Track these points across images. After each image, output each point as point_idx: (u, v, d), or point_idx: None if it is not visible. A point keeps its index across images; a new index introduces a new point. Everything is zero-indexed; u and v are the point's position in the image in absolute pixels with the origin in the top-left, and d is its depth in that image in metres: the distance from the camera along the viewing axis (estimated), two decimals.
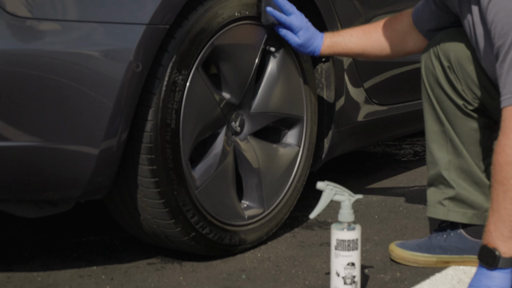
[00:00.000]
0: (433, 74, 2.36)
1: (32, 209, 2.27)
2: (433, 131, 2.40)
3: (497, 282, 1.99)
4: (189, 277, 2.34)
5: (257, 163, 2.57)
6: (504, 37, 1.98)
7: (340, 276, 2.10)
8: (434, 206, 2.42)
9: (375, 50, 2.56)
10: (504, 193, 1.96)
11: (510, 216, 1.96)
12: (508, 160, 1.94)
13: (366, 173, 3.69)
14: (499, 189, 1.97)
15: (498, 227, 1.98)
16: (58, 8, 2.06)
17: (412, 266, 2.41)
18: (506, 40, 1.97)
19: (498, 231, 1.98)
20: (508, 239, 1.97)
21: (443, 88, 2.34)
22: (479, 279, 2.02)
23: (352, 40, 2.56)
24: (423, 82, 2.41)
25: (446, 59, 2.32)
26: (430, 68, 2.36)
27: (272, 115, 2.62)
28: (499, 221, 1.97)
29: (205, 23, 2.28)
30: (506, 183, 1.95)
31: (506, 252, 1.98)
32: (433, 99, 2.37)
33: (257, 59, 2.49)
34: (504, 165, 1.95)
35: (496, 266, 1.98)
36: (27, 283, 2.29)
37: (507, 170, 1.95)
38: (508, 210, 1.96)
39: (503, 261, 1.98)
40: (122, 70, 2.08)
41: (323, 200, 2.19)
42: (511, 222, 1.96)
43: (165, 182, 2.24)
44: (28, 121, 2.04)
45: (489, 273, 2.00)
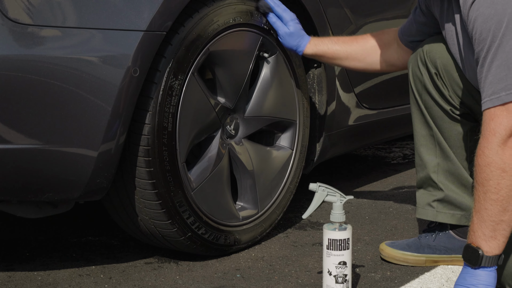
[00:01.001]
0: (420, 81, 2.38)
1: (33, 210, 2.28)
2: (422, 134, 2.42)
3: (482, 280, 1.99)
4: (185, 276, 2.34)
5: (251, 165, 2.57)
6: (482, 42, 1.98)
7: (332, 274, 2.11)
8: (424, 208, 2.43)
9: (359, 56, 2.56)
10: (484, 194, 1.96)
11: (490, 217, 1.96)
12: (487, 162, 1.95)
13: (357, 175, 3.68)
14: (479, 190, 1.98)
15: (480, 227, 1.98)
16: (58, 15, 2.08)
17: (402, 265, 2.41)
18: (484, 45, 1.97)
19: (480, 231, 1.98)
20: (490, 238, 1.97)
21: (431, 94, 2.36)
22: (464, 277, 2.02)
23: (338, 43, 2.57)
24: (411, 88, 2.42)
25: (433, 66, 2.34)
26: (417, 74, 2.38)
27: (265, 119, 2.62)
28: (481, 221, 1.98)
29: (200, 29, 2.29)
30: (486, 184, 1.96)
31: (489, 251, 1.98)
32: (421, 105, 2.39)
33: (251, 65, 2.50)
34: (484, 167, 1.96)
35: (480, 264, 1.99)
36: (28, 282, 2.30)
37: (486, 171, 1.95)
38: (489, 211, 1.96)
39: (486, 259, 1.98)
40: (120, 75, 2.09)
41: (315, 201, 2.20)
42: (492, 222, 1.96)
43: (162, 184, 2.25)
44: (29, 125, 2.05)
45: (473, 272, 2.01)
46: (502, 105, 1.94)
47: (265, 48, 2.58)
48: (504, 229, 1.97)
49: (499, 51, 1.94)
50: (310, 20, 2.70)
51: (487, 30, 1.96)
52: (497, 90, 1.94)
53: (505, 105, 1.94)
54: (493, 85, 1.95)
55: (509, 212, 1.95)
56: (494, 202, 1.95)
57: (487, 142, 1.96)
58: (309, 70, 2.83)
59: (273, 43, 2.58)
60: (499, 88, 1.94)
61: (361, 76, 3.04)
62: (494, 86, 1.95)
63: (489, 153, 1.95)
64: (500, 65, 1.94)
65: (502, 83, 1.94)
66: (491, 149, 1.94)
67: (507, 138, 1.93)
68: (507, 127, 1.93)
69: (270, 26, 2.54)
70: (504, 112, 1.94)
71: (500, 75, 1.94)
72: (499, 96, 1.94)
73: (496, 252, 1.99)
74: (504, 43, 1.93)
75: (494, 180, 1.94)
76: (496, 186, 1.94)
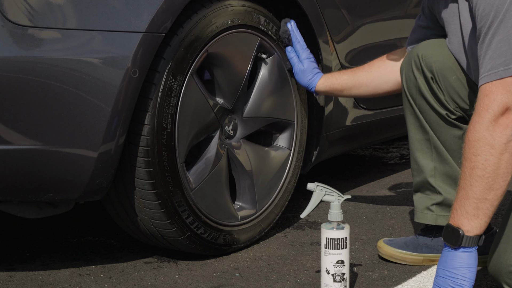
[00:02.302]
0: (415, 85, 2.36)
1: (33, 210, 2.29)
2: (417, 139, 2.41)
3: (464, 262, 1.96)
4: (184, 276, 2.35)
5: (250, 166, 2.59)
6: (485, 18, 1.95)
7: (330, 273, 2.12)
8: (423, 212, 2.42)
9: (365, 80, 2.59)
10: (471, 169, 1.93)
11: (475, 194, 1.93)
12: (477, 137, 1.92)
13: (355, 175, 3.68)
14: (466, 166, 1.95)
15: (463, 204, 1.95)
16: (58, 16, 2.09)
17: (399, 264, 2.42)
18: (486, 21, 1.94)
19: (463, 208, 1.95)
20: (472, 217, 1.94)
21: (426, 98, 2.35)
22: (445, 260, 1.99)
23: (346, 73, 2.62)
24: (404, 93, 2.40)
25: (429, 70, 2.33)
26: (411, 79, 2.37)
27: (263, 120, 2.63)
28: (464, 197, 1.95)
29: (199, 31, 2.30)
30: (474, 159, 1.93)
31: (470, 231, 1.94)
32: (415, 109, 2.38)
33: (249, 66, 2.51)
34: (473, 142, 1.93)
35: (460, 245, 1.95)
36: (29, 282, 2.31)
37: (475, 146, 1.93)
38: (474, 187, 1.93)
39: (466, 239, 1.95)
40: (120, 76, 2.10)
41: (313, 200, 2.22)
42: (476, 200, 1.93)
43: (161, 184, 2.26)
44: (30, 126, 2.06)
45: (454, 253, 1.97)
46: (499, 80, 1.92)
47: (263, 49, 2.59)
48: (487, 208, 1.94)
49: (501, 26, 1.92)
50: (307, 22, 2.71)
51: (491, 5, 1.93)
52: (496, 65, 1.93)
53: (502, 80, 1.92)
54: (492, 60, 1.93)
55: (494, 191, 1.93)
56: (480, 178, 1.92)
57: (479, 117, 1.93)
58: None
59: (271, 45, 2.59)
60: (498, 63, 1.92)
61: None
62: (493, 61, 1.93)
63: (479, 128, 1.92)
64: (502, 40, 1.92)
65: (501, 58, 1.92)
66: (482, 124, 1.92)
67: (499, 114, 1.91)
68: (500, 103, 1.91)
69: (268, 27, 2.56)
70: (500, 88, 1.92)
71: (501, 50, 1.92)
72: (497, 71, 1.92)
73: (477, 232, 1.95)
74: (507, 19, 1.92)
75: (482, 155, 1.92)
76: (483, 162, 1.92)
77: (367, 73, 2.60)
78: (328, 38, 2.80)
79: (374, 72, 2.60)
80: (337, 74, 2.64)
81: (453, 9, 2.25)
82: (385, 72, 2.58)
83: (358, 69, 2.62)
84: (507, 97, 1.91)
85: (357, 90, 2.62)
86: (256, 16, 2.51)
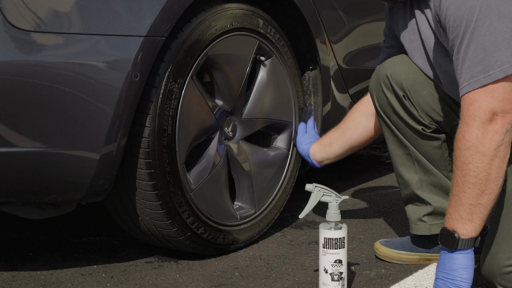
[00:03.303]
0: (388, 104, 2.34)
1: (36, 211, 2.30)
2: (397, 154, 2.39)
3: (461, 263, 1.99)
4: (185, 275, 2.37)
5: (249, 166, 2.60)
6: (457, 29, 1.95)
7: (328, 272, 2.13)
8: (416, 224, 2.41)
9: (351, 126, 2.60)
10: (463, 177, 1.95)
11: (468, 199, 1.95)
12: (467, 146, 1.94)
13: (352, 175, 3.68)
14: (458, 174, 1.96)
15: (457, 210, 1.97)
16: (61, 21, 2.10)
17: (396, 263, 2.44)
18: (459, 31, 1.95)
19: (457, 214, 1.97)
20: (467, 221, 1.97)
21: (400, 116, 2.33)
22: (443, 263, 2.02)
23: (334, 129, 2.64)
24: (378, 113, 2.39)
25: (400, 88, 2.31)
26: (383, 99, 2.35)
27: (262, 121, 2.65)
28: (458, 203, 1.97)
29: (199, 34, 2.32)
30: (465, 167, 1.95)
31: (465, 234, 1.97)
32: (391, 126, 2.37)
33: (248, 68, 2.53)
34: (464, 151, 1.95)
35: (456, 247, 1.97)
36: (31, 281, 2.32)
37: (466, 155, 1.94)
38: (467, 194, 1.95)
39: (462, 242, 1.97)
40: (121, 79, 2.11)
41: (311, 201, 2.23)
42: (469, 205, 1.95)
43: (162, 185, 2.28)
44: (33, 128, 2.08)
45: (451, 256, 2.00)
46: (481, 88, 1.93)
47: (262, 51, 2.60)
48: (481, 212, 1.96)
49: (474, 35, 1.93)
50: (305, 23, 2.72)
51: (461, 16, 1.94)
52: (476, 73, 1.93)
53: (484, 88, 1.93)
54: (471, 69, 1.94)
55: (487, 195, 1.95)
56: (472, 185, 1.95)
57: (467, 126, 1.94)
58: (305, 72, 2.85)
59: (269, 47, 2.60)
60: (477, 71, 1.93)
61: (355, 77, 3.06)
62: (472, 70, 1.94)
63: (469, 137, 1.94)
64: (477, 48, 1.93)
65: (480, 66, 1.93)
66: (471, 133, 1.93)
67: (486, 121, 1.92)
68: (486, 110, 1.92)
69: (266, 30, 2.57)
70: (483, 95, 1.93)
71: (478, 58, 1.93)
72: (477, 79, 1.93)
73: (473, 235, 1.98)
74: (478, 27, 1.93)
75: (473, 163, 1.94)
76: (475, 169, 1.94)
77: (351, 120, 2.61)
78: (325, 39, 2.82)
79: (356, 115, 2.61)
80: (326, 135, 2.67)
81: (412, 26, 2.26)
82: (366, 113, 2.57)
83: (344, 121, 2.63)
84: (491, 103, 1.93)
85: (345, 140, 2.62)
86: (254, 19, 2.53)
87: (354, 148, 2.64)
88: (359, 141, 2.61)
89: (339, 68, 2.93)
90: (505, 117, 1.93)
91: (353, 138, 2.60)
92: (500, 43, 1.92)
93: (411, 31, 2.27)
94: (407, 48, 2.31)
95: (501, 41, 1.91)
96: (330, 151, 2.64)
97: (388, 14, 2.40)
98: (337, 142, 2.62)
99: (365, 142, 2.61)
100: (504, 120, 1.93)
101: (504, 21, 1.92)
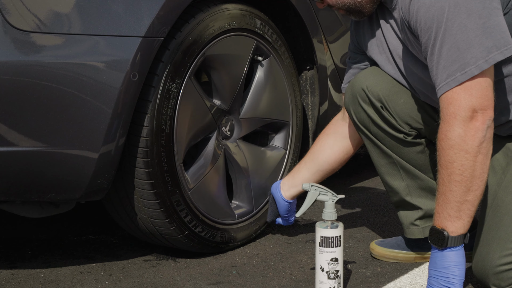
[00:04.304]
0: (366, 117, 2.34)
1: (36, 210, 2.31)
2: (382, 164, 2.39)
3: (452, 261, 2.00)
4: (183, 273, 2.37)
5: (246, 165, 2.61)
6: (428, 31, 1.97)
7: (324, 271, 2.13)
8: (409, 228, 2.41)
9: (319, 149, 2.54)
10: (449, 176, 1.96)
11: (455, 197, 1.96)
12: (450, 144, 1.95)
13: (349, 174, 3.69)
14: (443, 173, 1.97)
15: (445, 208, 1.98)
16: (60, 22, 2.11)
17: (392, 262, 2.45)
18: (431, 33, 1.96)
19: (445, 212, 1.98)
20: (455, 218, 1.98)
21: (380, 126, 2.33)
22: (434, 261, 2.03)
23: (302, 163, 2.56)
24: (358, 127, 2.38)
25: (377, 99, 2.30)
26: (361, 113, 2.34)
27: (260, 120, 2.66)
28: (445, 202, 1.98)
29: (197, 34, 2.33)
30: (450, 166, 1.96)
31: (454, 231, 1.98)
32: (372, 138, 2.36)
33: (246, 68, 2.54)
34: (447, 150, 1.95)
35: (446, 245, 1.99)
36: (31, 279, 2.33)
37: (449, 154, 1.95)
38: (453, 192, 1.96)
39: (451, 240, 1.98)
40: (120, 79, 2.12)
41: (308, 200, 2.25)
42: (457, 203, 1.96)
43: (160, 184, 2.29)
44: (33, 128, 2.09)
45: (442, 254, 2.01)
46: (459, 86, 1.94)
47: (259, 51, 2.61)
48: (469, 209, 1.98)
49: (446, 35, 1.95)
50: (302, 23, 2.74)
51: (431, 18, 1.96)
52: (452, 72, 1.95)
53: (462, 86, 1.94)
54: (447, 68, 1.95)
55: (473, 192, 1.97)
56: (458, 183, 1.96)
57: (449, 125, 1.95)
58: (302, 72, 2.87)
59: (267, 47, 2.62)
60: (453, 70, 1.94)
61: None
62: (448, 69, 1.95)
63: (451, 136, 1.95)
64: (450, 48, 1.94)
65: (455, 64, 1.94)
66: (454, 131, 1.94)
67: (467, 119, 1.93)
68: (466, 108, 1.93)
69: (264, 30, 2.59)
70: (462, 93, 1.94)
71: (452, 57, 1.94)
72: (454, 78, 1.94)
73: (461, 232, 1.99)
74: (449, 27, 1.93)
75: (458, 162, 1.95)
76: (460, 167, 1.95)
77: (321, 143, 2.54)
78: (322, 39, 2.83)
79: (325, 140, 2.54)
80: (296, 166, 2.59)
81: (379, 38, 2.27)
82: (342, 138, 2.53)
83: (312, 146, 2.57)
84: (470, 100, 1.94)
85: (320, 160, 2.54)
86: (252, 19, 2.54)
87: (322, 171, 2.54)
88: (327, 163, 2.52)
89: (336, 68, 2.94)
90: (485, 114, 1.95)
91: (320, 159, 2.52)
92: (472, 39, 1.93)
93: (379, 43, 2.29)
94: (378, 61, 2.33)
95: (473, 38, 1.93)
96: (298, 176, 2.54)
97: (354, 30, 2.41)
98: (305, 166, 2.54)
99: (334, 163, 2.53)
100: (485, 117, 1.95)
101: (473, 18, 1.93)
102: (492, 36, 1.93)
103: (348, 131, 2.50)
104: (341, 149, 2.52)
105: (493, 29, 1.93)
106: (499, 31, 1.94)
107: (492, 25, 1.93)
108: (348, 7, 2.22)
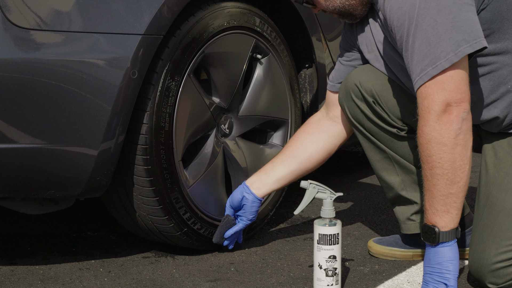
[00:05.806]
0: (360, 112, 2.35)
1: (35, 207, 2.32)
2: (376, 160, 2.40)
3: (446, 256, 2.01)
4: (181, 270, 2.38)
5: (245, 163, 2.62)
6: (401, 28, 2.00)
7: (323, 268, 2.14)
8: (405, 223, 2.42)
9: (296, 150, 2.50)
10: (430, 170, 1.98)
11: (439, 191, 1.98)
12: (427, 139, 1.97)
13: (347, 172, 3.69)
14: (425, 168, 1.99)
15: (432, 204, 2.00)
16: (60, 19, 2.11)
17: (389, 259, 2.46)
18: (403, 29, 1.99)
19: (433, 208, 2.00)
20: (443, 213, 1.99)
21: (374, 121, 2.34)
22: (428, 258, 2.04)
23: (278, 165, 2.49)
24: (352, 123, 2.39)
25: (370, 95, 2.32)
26: (354, 108, 2.36)
27: (258, 118, 2.67)
28: (432, 197, 1.99)
29: (196, 32, 2.34)
30: (430, 160, 1.98)
31: (444, 226, 1.99)
32: (366, 133, 2.37)
33: (245, 66, 2.55)
34: (425, 144, 1.98)
35: (438, 241, 2.00)
36: (30, 275, 2.33)
37: (428, 148, 1.97)
38: (437, 186, 1.98)
39: (443, 235, 2.00)
40: (120, 76, 2.13)
41: (306, 198, 2.25)
42: (442, 197, 1.98)
43: (159, 181, 2.30)
44: (32, 125, 2.09)
45: (435, 250, 2.02)
46: (432, 81, 1.96)
47: (258, 49, 2.62)
48: (455, 202, 1.99)
49: (417, 30, 1.97)
50: (301, 21, 2.74)
51: (403, 15, 1.99)
52: (424, 66, 1.97)
53: (434, 80, 1.96)
54: (420, 63, 1.98)
55: (456, 184, 1.98)
56: (440, 176, 1.97)
57: (424, 120, 1.98)
58: (301, 70, 2.87)
59: (266, 45, 2.62)
60: (425, 64, 1.96)
61: None
62: (420, 64, 1.98)
63: (427, 131, 1.97)
64: (422, 43, 1.97)
65: (427, 59, 1.96)
66: (429, 126, 1.97)
67: (441, 113, 1.96)
68: (439, 102, 1.96)
69: (263, 28, 2.59)
70: (434, 88, 1.96)
71: (424, 52, 1.97)
72: (427, 72, 1.96)
73: (452, 226, 2.00)
74: (420, 22, 1.96)
75: (436, 155, 1.97)
76: (439, 160, 1.97)
77: (296, 140, 2.51)
78: (321, 36, 2.83)
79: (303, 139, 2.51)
80: (266, 164, 2.51)
81: (368, 37, 2.29)
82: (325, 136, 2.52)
83: (286, 145, 2.54)
84: (443, 95, 1.96)
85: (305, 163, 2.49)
86: (251, 17, 2.55)
87: (301, 170, 2.49)
88: (309, 161, 2.49)
89: (334, 65, 2.86)
90: (459, 106, 1.97)
91: (302, 157, 2.48)
92: (443, 34, 1.96)
93: (368, 42, 2.31)
94: (368, 59, 2.35)
95: (443, 33, 1.95)
96: (273, 173, 2.47)
97: (348, 30, 2.42)
98: (282, 164, 2.48)
99: (316, 161, 2.51)
100: (459, 110, 1.97)
101: (443, 13, 1.96)
102: (461, 30, 1.96)
103: (334, 130, 2.51)
104: (326, 148, 2.52)
105: (463, 23, 1.96)
106: (469, 25, 1.97)
107: (462, 19, 1.96)
108: (339, 11, 2.25)
